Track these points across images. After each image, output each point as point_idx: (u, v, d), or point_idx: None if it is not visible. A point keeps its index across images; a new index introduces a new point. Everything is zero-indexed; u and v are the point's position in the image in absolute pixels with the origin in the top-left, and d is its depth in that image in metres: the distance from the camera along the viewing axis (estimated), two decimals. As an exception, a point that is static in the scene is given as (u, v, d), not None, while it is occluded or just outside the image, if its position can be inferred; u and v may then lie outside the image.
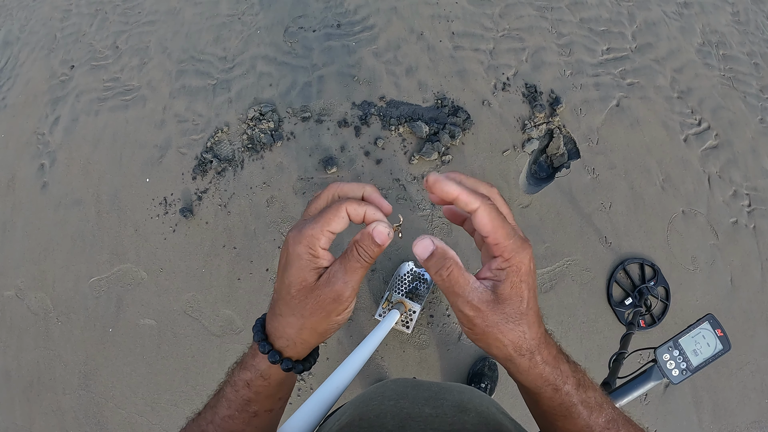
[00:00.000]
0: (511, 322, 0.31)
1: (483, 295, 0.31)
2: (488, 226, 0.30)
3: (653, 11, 2.15)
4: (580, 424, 0.35)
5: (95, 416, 1.66)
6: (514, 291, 0.31)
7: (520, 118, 1.85)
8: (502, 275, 0.31)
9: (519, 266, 0.31)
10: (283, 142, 1.85)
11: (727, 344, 0.89)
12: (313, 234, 0.32)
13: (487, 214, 0.30)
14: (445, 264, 0.31)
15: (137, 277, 1.79)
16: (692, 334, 0.89)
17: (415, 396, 0.51)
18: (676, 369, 0.89)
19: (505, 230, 0.30)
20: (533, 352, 0.33)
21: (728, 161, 1.88)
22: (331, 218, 0.32)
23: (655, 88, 1.97)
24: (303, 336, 0.35)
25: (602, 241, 1.73)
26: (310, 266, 0.33)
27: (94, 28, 2.31)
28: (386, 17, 2.04)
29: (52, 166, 2.02)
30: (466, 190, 0.30)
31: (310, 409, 0.49)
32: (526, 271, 0.31)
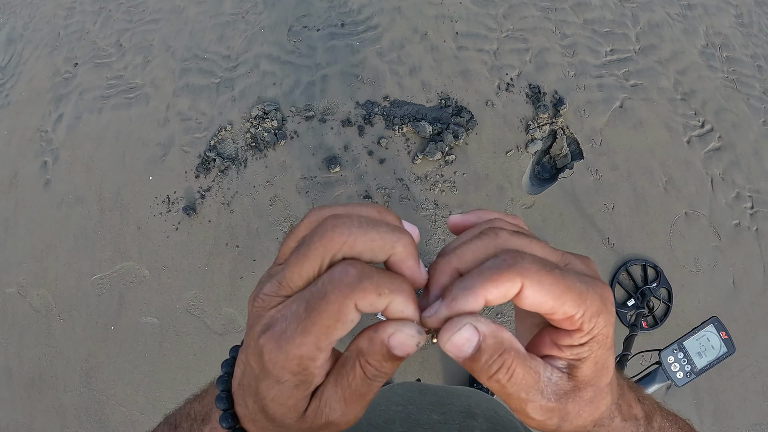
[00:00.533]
0: (593, 402, 0.23)
1: (559, 386, 0.22)
2: (548, 300, 0.20)
3: (657, 13, 2.15)
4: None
5: (96, 414, 1.66)
6: (600, 366, 0.23)
7: (524, 119, 1.85)
8: (584, 353, 0.22)
9: (606, 331, 0.22)
10: (286, 141, 1.85)
11: (731, 347, 0.90)
12: (302, 355, 0.20)
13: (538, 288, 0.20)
14: (504, 362, 0.20)
15: (139, 275, 1.79)
16: (697, 336, 0.90)
17: (422, 401, 0.50)
18: (681, 371, 0.89)
19: (573, 293, 0.20)
20: (613, 416, 0.26)
21: (731, 163, 1.88)
22: (332, 323, 0.19)
23: (659, 90, 1.97)
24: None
25: (605, 242, 1.73)
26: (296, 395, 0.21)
27: (97, 25, 2.31)
28: (390, 17, 2.04)
29: (54, 163, 2.02)
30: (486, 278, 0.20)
31: None
32: (612, 333, 0.22)
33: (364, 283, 0.19)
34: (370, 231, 0.20)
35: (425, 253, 1.70)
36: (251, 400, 0.23)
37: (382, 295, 0.19)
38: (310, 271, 0.20)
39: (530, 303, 0.20)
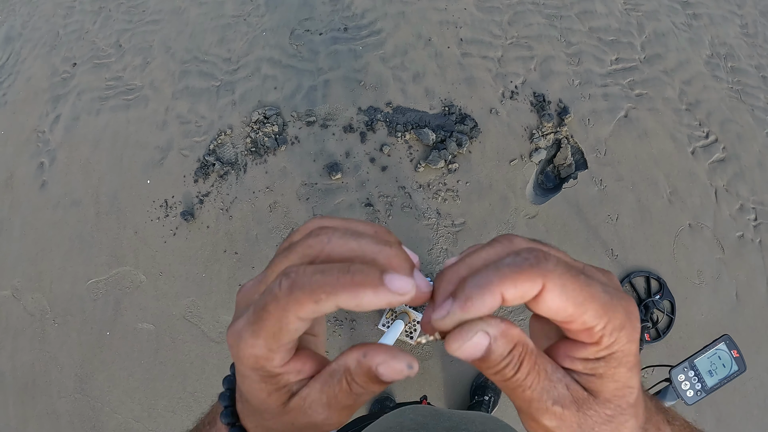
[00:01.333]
0: (613, 421, 0.21)
1: (570, 395, 0.20)
2: (569, 306, 0.19)
3: (662, 22, 2.14)
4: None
5: (90, 420, 1.64)
6: (620, 384, 0.21)
7: (528, 128, 1.84)
8: (602, 368, 0.20)
9: (629, 348, 0.20)
10: (287, 146, 1.83)
11: (742, 365, 0.88)
12: (256, 354, 0.20)
13: (560, 291, 0.18)
14: (512, 359, 0.19)
15: (136, 281, 1.76)
16: (708, 354, 0.89)
17: (436, 426, 0.49)
18: (691, 390, 0.87)
19: (596, 303, 0.19)
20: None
21: (735, 175, 1.87)
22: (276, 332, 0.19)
23: (664, 100, 1.96)
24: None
25: (608, 254, 1.72)
26: (266, 389, 0.22)
27: (97, 25, 2.28)
28: (394, 22, 2.02)
29: (51, 164, 2.00)
30: (505, 276, 0.18)
31: None
32: (637, 352, 0.21)
33: (295, 294, 0.18)
34: (350, 241, 0.20)
35: (427, 263, 1.68)
36: (241, 395, 0.23)
37: (320, 301, 0.18)
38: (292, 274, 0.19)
39: (548, 308, 0.19)
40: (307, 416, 0.22)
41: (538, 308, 0.19)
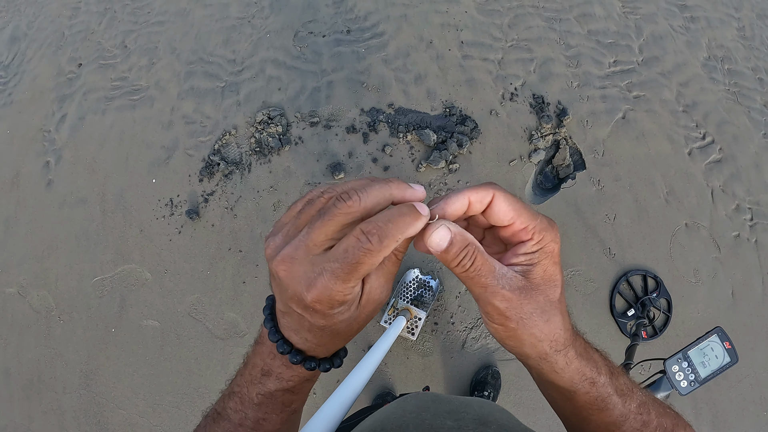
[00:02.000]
0: (546, 312, 0.28)
1: (514, 281, 0.27)
2: (510, 211, 0.27)
3: (660, 25, 2.18)
4: (616, 414, 0.33)
5: (95, 416, 1.67)
6: (548, 276, 0.28)
7: (527, 129, 1.88)
8: (534, 258, 0.28)
9: (552, 246, 0.28)
10: (291, 146, 1.87)
11: (734, 357, 0.92)
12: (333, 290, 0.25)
13: (504, 199, 0.27)
14: (467, 252, 0.26)
15: (141, 278, 1.80)
16: (701, 346, 0.92)
17: (437, 409, 0.51)
18: (685, 380, 0.90)
19: (528, 210, 0.28)
20: (568, 345, 0.30)
21: (732, 175, 1.91)
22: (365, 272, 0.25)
23: (661, 102, 2.00)
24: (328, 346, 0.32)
25: (606, 253, 1.76)
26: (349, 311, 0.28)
27: (102, 26, 2.32)
28: (396, 24, 2.06)
29: (57, 163, 2.03)
30: (470, 190, 0.27)
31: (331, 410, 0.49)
32: (558, 252, 0.29)
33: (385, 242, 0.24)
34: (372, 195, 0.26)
35: (428, 261, 1.72)
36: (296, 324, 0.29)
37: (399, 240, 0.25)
38: (333, 234, 0.25)
39: (497, 212, 0.27)
40: (373, 302, 0.28)
41: (491, 214, 0.28)
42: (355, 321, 0.29)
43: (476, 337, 1.67)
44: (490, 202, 0.27)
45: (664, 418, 0.35)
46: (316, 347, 0.31)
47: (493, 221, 0.28)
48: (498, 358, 1.65)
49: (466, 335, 1.67)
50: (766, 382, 1.68)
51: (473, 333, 1.67)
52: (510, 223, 0.28)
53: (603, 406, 0.32)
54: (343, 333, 0.29)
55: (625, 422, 0.33)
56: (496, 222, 0.28)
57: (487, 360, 1.65)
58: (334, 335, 0.29)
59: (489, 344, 1.66)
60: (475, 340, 1.67)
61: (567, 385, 0.31)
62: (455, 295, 1.70)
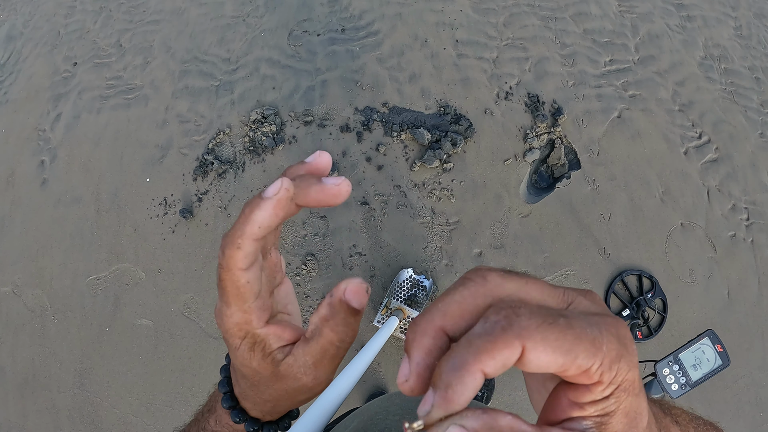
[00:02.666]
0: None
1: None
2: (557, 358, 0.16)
3: (656, 24, 2.18)
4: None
5: (90, 415, 1.68)
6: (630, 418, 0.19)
7: (522, 128, 1.88)
8: (610, 406, 0.18)
9: (632, 378, 0.18)
10: (284, 145, 1.87)
11: (726, 360, 0.90)
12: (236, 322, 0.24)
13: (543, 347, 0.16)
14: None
15: (135, 277, 1.80)
16: (692, 349, 0.90)
17: None
18: (676, 384, 0.90)
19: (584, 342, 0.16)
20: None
21: (728, 175, 1.91)
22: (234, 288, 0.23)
23: (657, 101, 2.00)
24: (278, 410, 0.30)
25: (601, 252, 1.76)
26: (255, 358, 0.25)
27: (98, 25, 2.33)
28: (391, 23, 2.07)
29: (52, 162, 2.04)
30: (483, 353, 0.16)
31: (316, 413, 0.49)
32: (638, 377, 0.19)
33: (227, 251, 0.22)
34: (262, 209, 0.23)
35: (422, 261, 1.72)
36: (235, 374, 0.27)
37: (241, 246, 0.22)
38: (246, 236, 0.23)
39: (537, 366, 0.16)
40: (297, 380, 0.25)
41: (527, 368, 0.16)
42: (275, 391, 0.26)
43: (470, 337, 1.67)
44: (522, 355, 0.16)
45: None
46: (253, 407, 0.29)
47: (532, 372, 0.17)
48: (492, 358, 1.65)
49: (460, 335, 1.67)
50: (762, 382, 1.68)
51: (467, 333, 1.68)
52: (561, 370, 0.17)
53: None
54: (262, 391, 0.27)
55: None
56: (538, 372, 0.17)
57: (481, 360, 1.65)
58: (254, 388, 0.27)
59: (483, 344, 1.66)
60: (468, 339, 1.67)
61: None
62: (449, 295, 1.70)
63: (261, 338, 0.24)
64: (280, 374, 0.25)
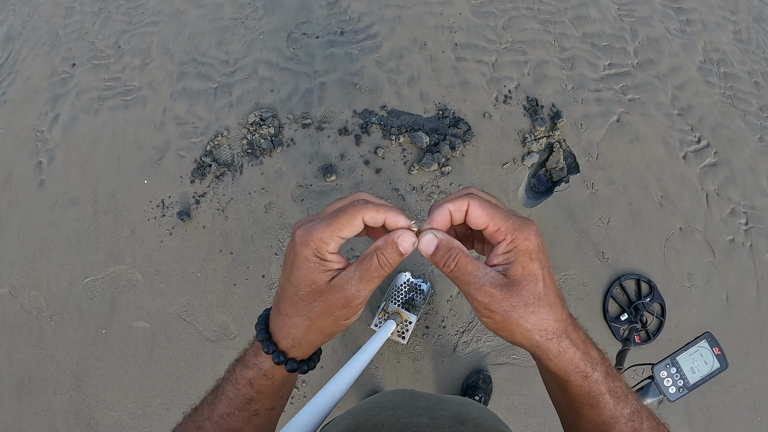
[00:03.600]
0: (531, 305, 0.31)
1: (495, 279, 0.31)
2: (483, 216, 0.31)
3: (656, 28, 2.20)
4: (606, 414, 0.34)
5: (86, 418, 1.69)
6: (527, 271, 0.31)
7: (521, 131, 1.90)
8: (511, 257, 0.31)
9: (526, 244, 0.31)
10: (282, 148, 1.89)
11: (724, 362, 0.90)
12: (321, 238, 0.31)
13: (478, 206, 0.31)
14: (451, 254, 0.31)
15: (132, 279, 1.82)
16: (690, 351, 0.90)
17: (413, 406, 0.52)
18: (673, 386, 0.90)
19: (500, 213, 0.31)
20: (560, 335, 0.32)
21: (726, 179, 1.93)
22: (345, 224, 0.31)
23: (656, 105, 2.02)
24: (309, 337, 0.35)
25: (599, 257, 1.77)
26: (319, 269, 0.32)
27: (96, 26, 2.35)
28: (390, 26, 2.08)
29: (50, 164, 2.06)
30: (449, 202, 0.32)
31: (306, 416, 0.50)
32: (534, 248, 0.31)
33: (368, 206, 0.32)
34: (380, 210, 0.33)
35: (420, 264, 1.74)
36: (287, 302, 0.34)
37: (379, 212, 0.32)
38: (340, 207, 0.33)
39: (473, 217, 0.32)
40: (342, 290, 0.32)
41: (470, 221, 0.32)
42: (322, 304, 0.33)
43: (467, 341, 1.68)
44: (467, 209, 0.32)
45: None
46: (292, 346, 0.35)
47: (472, 227, 0.32)
48: (489, 363, 1.67)
49: (458, 339, 1.68)
50: (761, 387, 1.69)
51: (464, 337, 1.69)
52: (485, 226, 0.32)
53: (594, 403, 0.34)
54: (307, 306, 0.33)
55: (616, 425, 0.35)
56: (474, 227, 0.32)
57: (479, 364, 1.66)
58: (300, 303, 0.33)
59: (480, 348, 1.67)
60: (466, 344, 1.68)
61: (561, 374, 0.34)
62: (446, 299, 1.72)
63: (328, 258, 0.32)
64: (331, 286, 0.32)
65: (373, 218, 0.31)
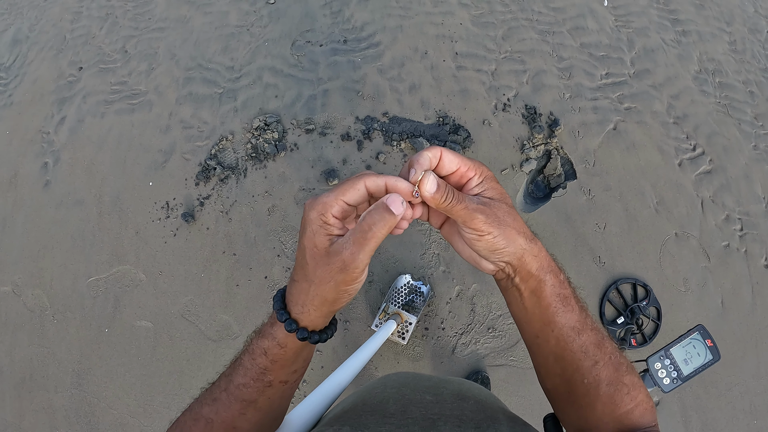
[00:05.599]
0: (510, 213, 0.40)
1: (482, 202, 0.39)
2: (455, 159, 0.39)
3: (652, 38, 2.40)
4: (575, 316, 0.42)
5: (86, 416, 1.81)
6: (498, 192, 0.40)
7: (519, 139, 2.07)
8: (483, 185, 0.40)
9: (489, 173, 0.41)
10: (286, 152, 2.06)
11: (716, 354, 0.97)
12: (326, 201, 0.36)
13: (449, 152, 0.39)
14: (448, 191, 0.38)
15: (136, 279, 1.96)
16: (683, 344, 0.98)
17: (417, 385, 0.58)
18: (667, 378, 0.96)
19: (466, 158, 0.40)
20: (534, 238, 0.41)
21: (721, 186, 2.09)
22: (347, 188, 0.37)
23: (652, 113, 2.20)
24: (314, 303, 0.39)
25: (596, 261, 1.92)
26: (321, 232, 0.37)
27: (104, 31, 2.54)
28: (392, 35, 2.28)
29: (55, 165, 2.22)
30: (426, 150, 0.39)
31: (315, 399, 0.57)
32: (493, 175, 0.41)
33: (371, 173, 0.38)
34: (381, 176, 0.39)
35: (420, 267, 1.89)
36: (297, 268, 0.39)
37: (380, 177, 0.38)
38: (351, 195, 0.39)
39: (447, 162, 0.39)
40: (339, 254, 0.36)
41: (443, 165, 0.39)
42: (322, 267, 0.37)
43: (466, 343, 1.82)
44: (440, 156, 0.39)
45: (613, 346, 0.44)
46: (302, 312, 0.40)
47: (445, 171, 0.40)
48: (487, 364, 1.80)
49: (456, 341, 1.82)
50: (756, 390, 1.82)
51: (463, 339, 1.83)
52: (457, 168, 0.40)
53: (566, 302, 0.41)
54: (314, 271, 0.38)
55: (584, 331, 0.42)
56: (448, 170, 0.40)
57: (477, 366, 1.80)
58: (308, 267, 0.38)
59: (479, 350, 1.81)
60: (465, 345, 1.82)
61: (538, 274, 0.41)
62: (446, 301, 1.86)
63: (329, 224, 0.37)
64: (330, 249, 0.37)
65: (374, 183, 0.37)
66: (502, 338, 1.82)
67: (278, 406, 0.45)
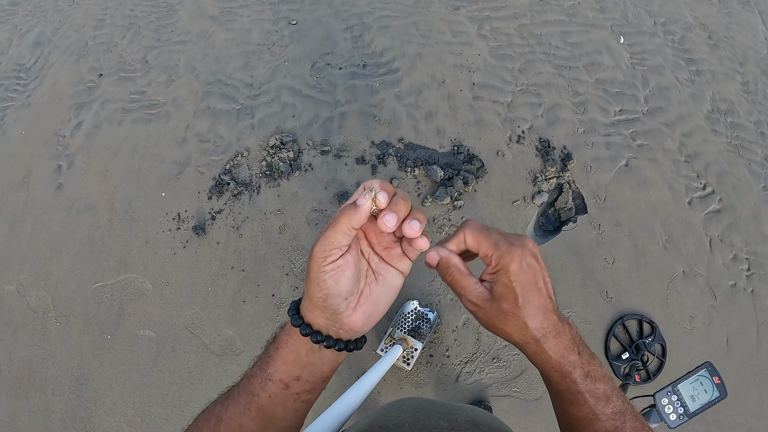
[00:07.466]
0: (507, 316, 0.43)
1: (481, 294, 0.43)
2: (474, 244, 0.43)
3: (666, 76, 2.61)
4: (586, 410, 0.44)
5: (82, 421, 1.91)
6: (507, 290, 0.42)
7: (532, 171, 2.25)
8: (495, 278, 0.43)
9: (506, 268, 0.42)
10: (300, 172, 2.24)
11: (723, 391, 1.04)
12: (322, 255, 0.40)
13: (470, 236, 0.43)
14: (448, 270, 0.45)
15: (142, 288, 2.10)
16: (691, 380, 1.05)
17: (431, 411, 0.61)
18: (674, 413, 1.02)
19: (488, 241, 0.43)
20: (539, 340, 0.43)
21: (730, 225, 2.25)
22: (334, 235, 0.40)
23: (664, 151, 2.38)
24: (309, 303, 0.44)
25: (603, 296, 2.07)
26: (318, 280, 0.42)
27: (126, 40, 2.77)
28: (411, 62, 2.49)
29: (69, 168, 2.39)
30: (449, 241, 0.45)
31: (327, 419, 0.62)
32: (516, 271, 0.42)
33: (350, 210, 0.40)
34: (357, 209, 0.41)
35: (427, 294, 2.03)
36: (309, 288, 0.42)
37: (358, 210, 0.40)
38: None
39: (468, 245, 0.45)
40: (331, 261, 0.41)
41: (468, 245, 0.45)
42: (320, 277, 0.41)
43: (470, 372, 1.94)
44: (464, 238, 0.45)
45: None
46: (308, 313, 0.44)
47: (470, 248, 0.45)
48: (491, 394, 1.92)
49: (461, 369, 1.95)
50: (759, 430, 1.93)
51: (467, 367, 1.95)
52: (478, 251, 0.45)
53: (573, 399, 0.45)
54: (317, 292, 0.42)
55: (596, 421, 0.45)
56: (470, 248, 0.45)
57: (480, 395, 1.92)
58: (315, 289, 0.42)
59: (482, 379, 1.93)
60: (469, 374, 1.94)
61: (541, 371, 0.46)
62: (452, 329, 2.00)
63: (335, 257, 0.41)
64: None
65: (358, 219, 0.40)
66: (507, 369, 1.94)
67: (282, 413, 0.46)
